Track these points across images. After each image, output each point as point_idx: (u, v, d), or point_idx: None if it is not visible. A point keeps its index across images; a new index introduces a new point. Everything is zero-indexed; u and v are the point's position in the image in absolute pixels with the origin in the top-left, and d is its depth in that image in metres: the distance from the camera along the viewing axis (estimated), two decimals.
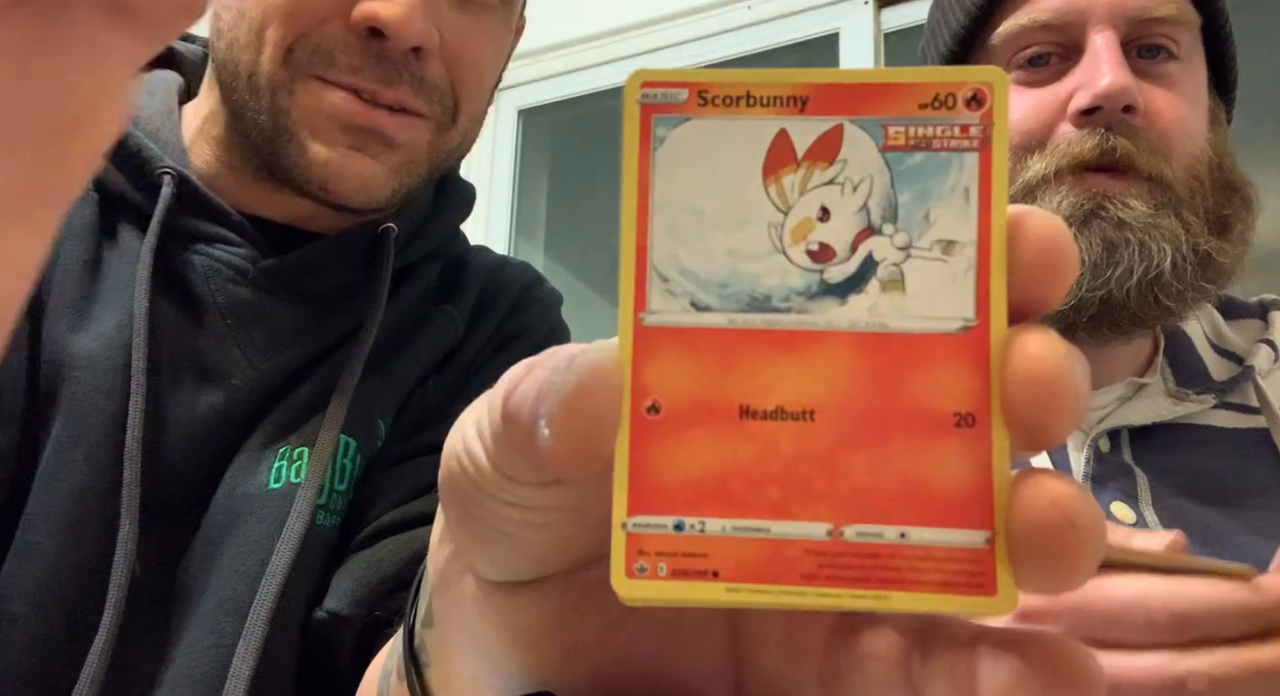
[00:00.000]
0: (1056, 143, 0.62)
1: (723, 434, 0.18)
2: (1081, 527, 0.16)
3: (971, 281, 0.18)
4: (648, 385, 0.18)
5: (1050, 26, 0.64)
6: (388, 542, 0.54)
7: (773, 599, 0.18)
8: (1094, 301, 0.61)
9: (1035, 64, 0.65)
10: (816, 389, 0.18)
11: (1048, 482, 0.16)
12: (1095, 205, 0.61)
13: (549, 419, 0.17)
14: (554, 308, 0.73)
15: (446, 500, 0.22)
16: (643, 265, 0.18)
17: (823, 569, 0.17)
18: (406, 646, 0.28)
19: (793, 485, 0.18)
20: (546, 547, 0.21)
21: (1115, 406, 0.64)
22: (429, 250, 0.66)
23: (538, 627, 0.22)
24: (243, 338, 0.57)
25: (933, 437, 0.17)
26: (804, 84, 0.18)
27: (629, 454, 0.18)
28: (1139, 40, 0.63)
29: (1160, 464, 0.61)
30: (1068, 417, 0.17)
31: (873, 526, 0.17)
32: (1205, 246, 0.62)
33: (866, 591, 0.17)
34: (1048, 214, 0.18)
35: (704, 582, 0.18)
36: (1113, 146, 0.60)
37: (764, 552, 0.18)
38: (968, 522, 0.17)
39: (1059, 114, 0.63)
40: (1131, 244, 0.60)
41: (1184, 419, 0.63)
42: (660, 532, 0.18)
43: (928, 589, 0.17)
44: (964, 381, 0.17)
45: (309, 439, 0.55)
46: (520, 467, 0.18)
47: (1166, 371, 0.66)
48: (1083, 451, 0.61)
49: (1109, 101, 0.60)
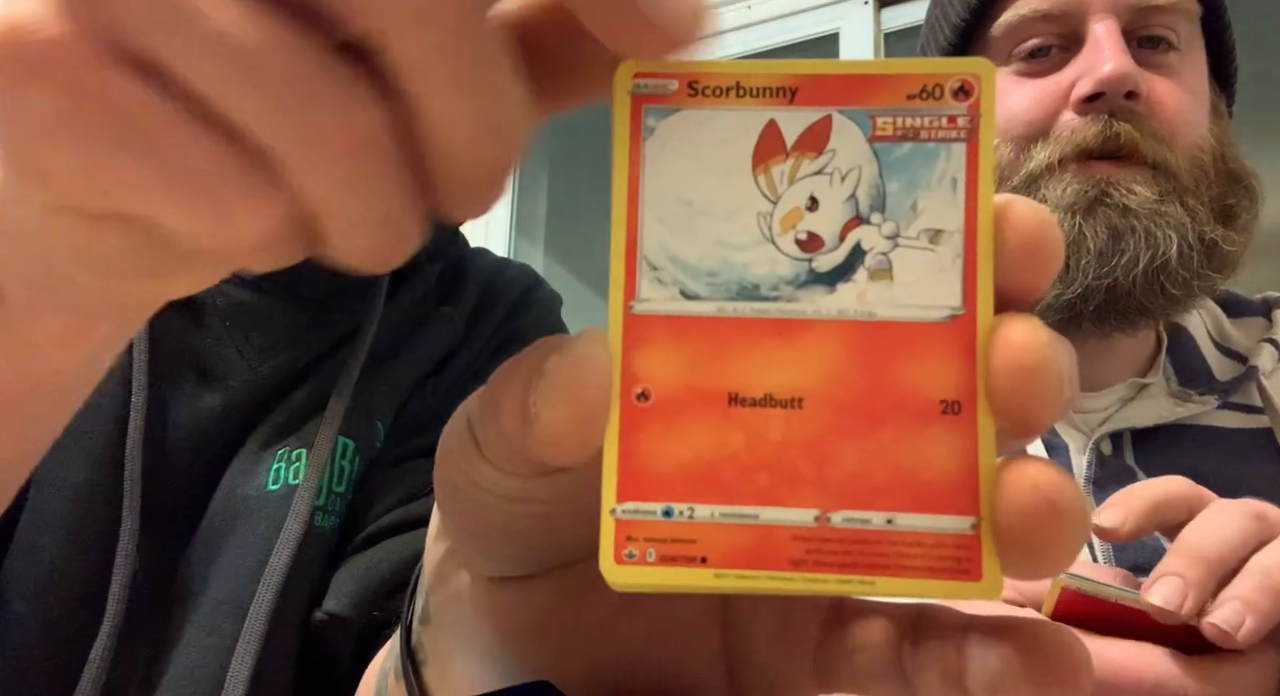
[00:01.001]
0: (1060, 131, 0.62)
1: (712, 421, 0.18)
2: (1063, 512, 0.16)
3: (959, 270, 0.18)
4: (637, 373, 0.18)
5: (1050, 16, 0.63)
6: (387, 544, 0.54)
7: (760, 584, 0.18)
8: (1100, 289, 0.60)
9: (1036, 55, 0.65)
10: (805, 377, 0.18)
11: (1030, 468, 0.17)
12: (1100, 192, 0.60)
13: (539, 407, 0.17)
14: (553, 309, 0.73)
15: (441, 494, 0.22)
16: (632, 254, 0.18)
17: (810, 554, 0.18)
18: (403, 644, 0.28)
19: (781, 472, 0.18)
20: (540, 541, 0.21)
21: (1117, 407, 0.64)
22: (427, 251, 0.66)
23: (533, 621, 0.22)
24: (240, 339, 0.57)
25: (919, 425, 0.18)
26: (793, 75, 0.18)
27: (618, 441, 0.18)
28: (1139, 30, 0.63)
29: (1163, 466, 0.60)
30: (1052, 405, 0.17)
31: (860, 512, 0.18)
32: (1211, 235, 0.61)
33: (853, 576, 0.18)
34: (1033, 203, 0.18)
35: (692, 568, 0.18)
36: (1116, 132, 0.60)
37: (752, 538, 0.18)
38: (954, 508, 0.17)
39: (1061, 103, 0.63)
40: (1137, 231, 0.59)
41: (1186, 419, 0.63)
42: (649, 519, 0.18)
43: (914, 574, 0.17)
44: (951, 369, 0.18)
45: (307, 440, 0.55)
46: (513, 459, 0.18)
47: (1169, 371, 0.66)
48: (1084, 454, 0.61)
49: (1112, 87, 0.60)
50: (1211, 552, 0.37)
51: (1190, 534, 0.39)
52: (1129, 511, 0.40)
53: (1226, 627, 0.35)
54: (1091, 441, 0.61)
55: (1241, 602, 0.36)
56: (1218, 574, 0.37)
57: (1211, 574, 0.37)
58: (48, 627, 0.49)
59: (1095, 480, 0.60)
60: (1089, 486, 0.60)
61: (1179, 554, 0.38)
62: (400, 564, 0.53)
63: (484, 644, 0.23)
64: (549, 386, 0.17)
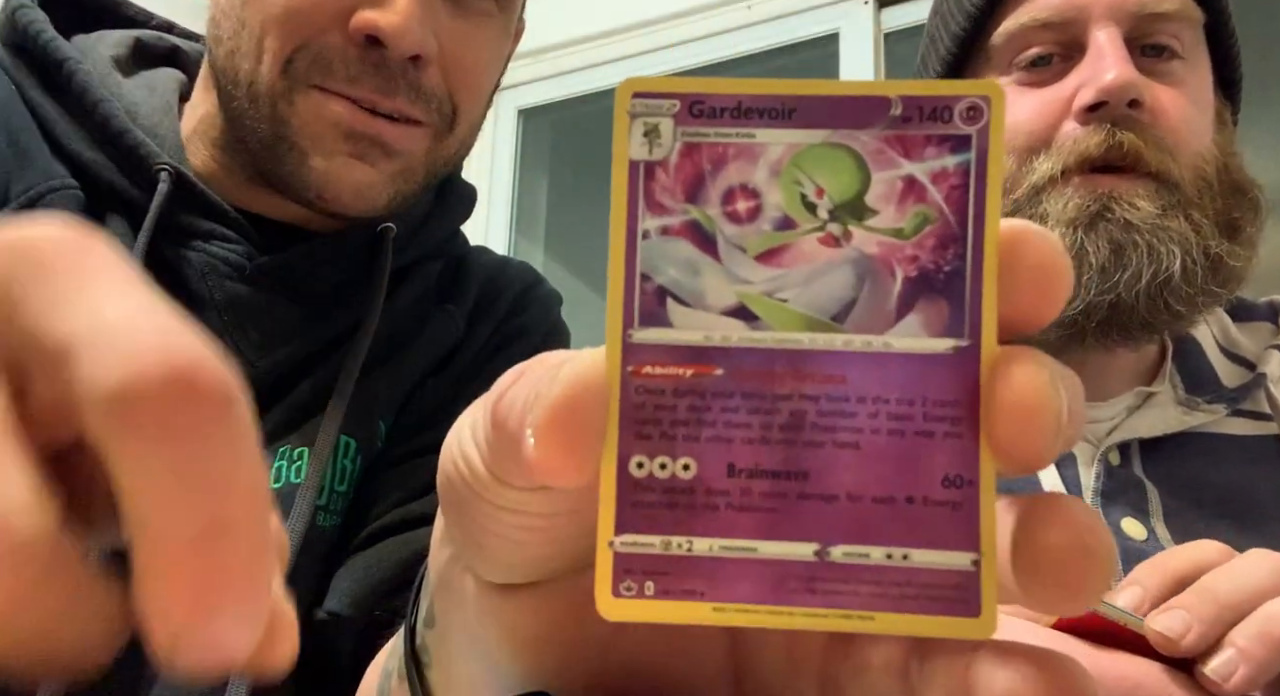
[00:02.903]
0: (1062, 141, 0.61)
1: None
2: (1096, 554, 0.16)
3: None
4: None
5: (1051, 24, 0.63)
6: (388, 543, 0.54)
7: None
8: (1103, 305, 0.59)
9: (1037, 65, 0.64)
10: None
11: (1065, 509, 0.17)
12: (1101, 207, 0.59)
13: (534, 429, 0.17)
14: (554, 308, 0.73)
15: (445, 502, 0.22)
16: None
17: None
18: (408, 646, 0.28)
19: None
20: (544, 551, 0.21)
21: (1124, 417, 0.63)
22: (429, 250, 0.66)
23: (537, 630, 0.22)
24: (239, 334, 0.57)
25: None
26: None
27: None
28: (1142, 38, 0.62)
29: (1171, 475, 0.60)
30: (1051, 446, 0.17)
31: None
32: (1216, 249, 0.60)
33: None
34: (1044, 231, 0.18)
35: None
36: (1119, 141, 0.59)
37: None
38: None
39: (1063, 113, 0.62)
40: (1140, 246, 0.58)
41: (1195, 427, 0.62)
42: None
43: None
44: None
45: (309, 438, 0.55)
46: (512, 473, 0.18)
47: (1175, 378, 0.65)
48: (1092, 466, 0.60)
49: (1114, 96, 0.59)
50: (1227, 594, 0.36)
51: (1211, 575, 0.38)
52: (1147, 592, 0.38)
53: (1216, 676, 0.34)
54: (1100, 453, 0.61)
55: (1236, 651, 0.35)
56: (1230, 617, 0.36)
57: (1223, 614, 0.36)
58: None
59: (1104, 492, 0.59)
60: (1098, 498, 0.59)
61: (1194, 590, 0.37)
62: (401, 563, 0.53)
63: (487, 650, 0.23)
64: (544, 408, 0.17)
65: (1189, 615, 0.36)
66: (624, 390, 0.18)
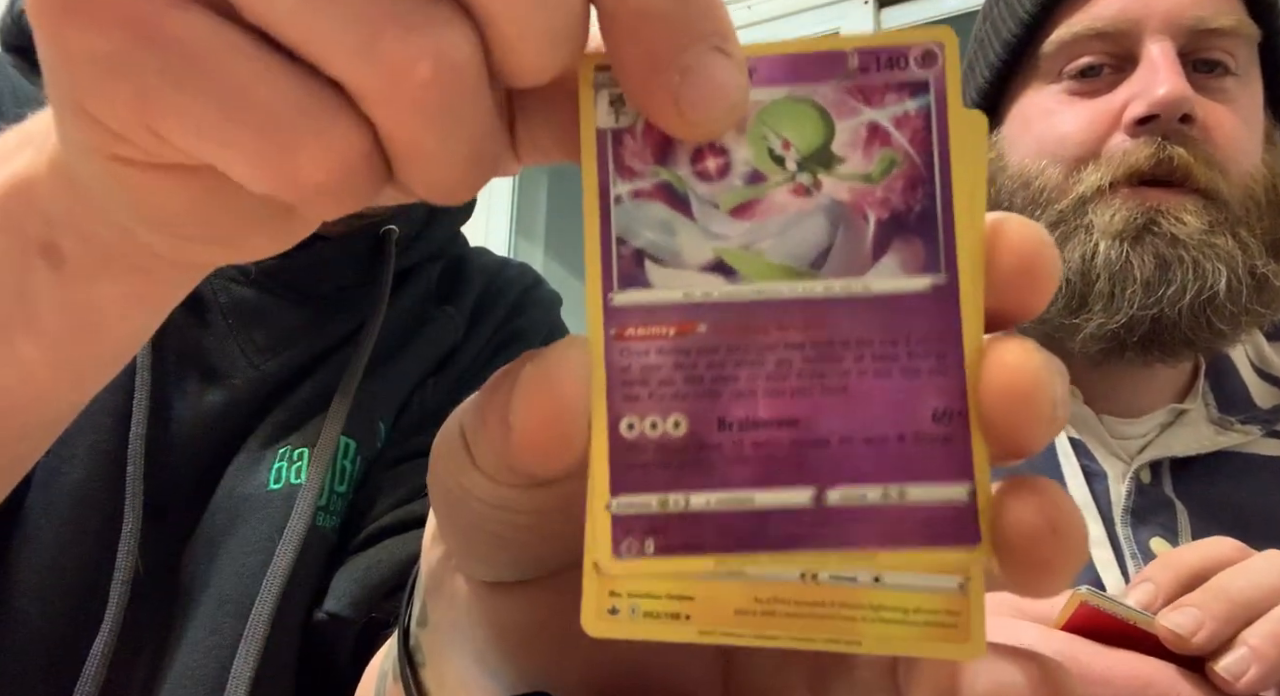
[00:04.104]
0: (1111, 153, 0.61)
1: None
2: (1063, 533, 0.16)
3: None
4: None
5: (1104, 35, 0.62)
6: (387, 544, 0.54)
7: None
8: (1145, 320, 0.59)
9: (1087, 75, 0.63)
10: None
11: (1037, 490, 0.17)
12: (1148, 220, 0.59)
13: (515, 414, 0.17)
14: (553, 309, 0.73)
15: (435, 500, 0.22)
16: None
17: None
18: (401, 646, 0.28)
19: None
20: (535, 549, 0.21)
21: (1157, 433, 0.62)
22: (429, 251, 0.67)
23: (529, 627, 0.22)
24: (243, 337, 0.57)
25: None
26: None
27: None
28: (1195, 53, 0.62)
29: (1202, 496, 0.59)
30: (1044, 428, 0.17)
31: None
32: (1262, 269, 0.60)
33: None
34: (1026, 221, 0.18)
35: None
36: (1169, 156, 0.58)
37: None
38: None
39: (1112, 125, 0.61)
40: (1185, 262, 0.58)
41: (1227, 447, 0.61)
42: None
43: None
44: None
45: (310, 439, 0.56)
46: (501, 469, 0.18)
47: (1208, 396, 0.64)
48: (1124, 483, 0.60)
49: (1166, 110, 0.58)
50: (1240, 592, 0.36)
51: (1225, 573, 0.38)
52: (1159, 588, 0.39)
53: (1227, 675, 0.34)
54: (1131, 470, 0.60)
55: (1249, 649, 0.35)
56: (1243, 616, 0.36)
57: (1235, 612, 0.36)
58: (49, 624, 0.49)
59: (1134, 510, 0.59)
60: (1127, 516, 0.59)
61: (1207, 587, 0.37)
62: (400, 564, 0.53)
63: (480, 648, 0.23)
64: (522, 392, 0.17)
65: (1201, 613, 0.36)
66: (609, 353, 0.18)
